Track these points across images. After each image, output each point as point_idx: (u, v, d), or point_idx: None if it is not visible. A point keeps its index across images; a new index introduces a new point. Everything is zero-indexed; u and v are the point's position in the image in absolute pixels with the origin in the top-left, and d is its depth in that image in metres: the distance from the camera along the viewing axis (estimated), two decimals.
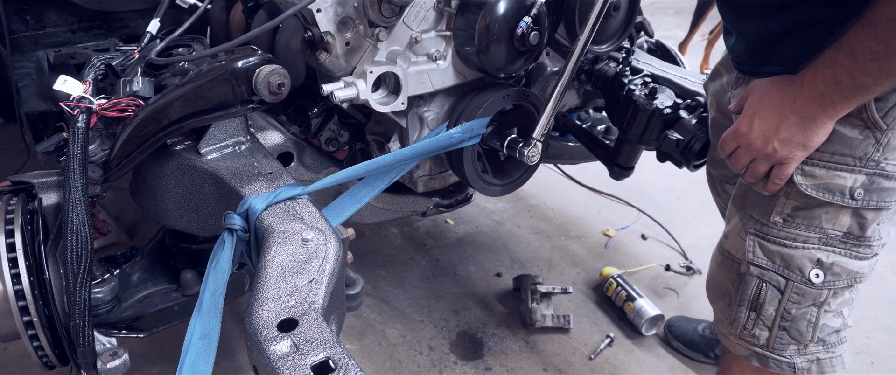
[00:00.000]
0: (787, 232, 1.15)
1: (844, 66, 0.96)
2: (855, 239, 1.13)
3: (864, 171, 1.07)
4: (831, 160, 1.08)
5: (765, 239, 1.18)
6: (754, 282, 1.20)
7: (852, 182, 1.08)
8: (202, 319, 0.99)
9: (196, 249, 1.54)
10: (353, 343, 2.03)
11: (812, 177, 1.09)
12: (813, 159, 1.09)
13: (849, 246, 1.14)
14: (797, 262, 1.16)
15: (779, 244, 1.16)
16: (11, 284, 1.17)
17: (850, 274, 1.16)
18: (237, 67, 1.17)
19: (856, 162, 1.07)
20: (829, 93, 0.99)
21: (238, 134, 1.34)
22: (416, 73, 1.38)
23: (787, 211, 1.14)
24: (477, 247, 2.53)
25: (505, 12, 1.32)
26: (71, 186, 1.14)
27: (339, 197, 1.35)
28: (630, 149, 1.74)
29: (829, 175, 1.08)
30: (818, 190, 1.10)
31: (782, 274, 1.17)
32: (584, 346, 2.05)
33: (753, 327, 1.23)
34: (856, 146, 1.06)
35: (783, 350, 1.22)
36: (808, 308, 1.18)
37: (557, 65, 1.76)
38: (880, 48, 0.91)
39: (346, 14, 1.31)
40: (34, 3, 1.74)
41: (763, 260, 1.19)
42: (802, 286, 1.16)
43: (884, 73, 0.93)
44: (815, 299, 1.17)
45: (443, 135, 1.41)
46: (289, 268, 0.99)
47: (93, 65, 1.40)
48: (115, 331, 1.38)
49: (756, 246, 1.19)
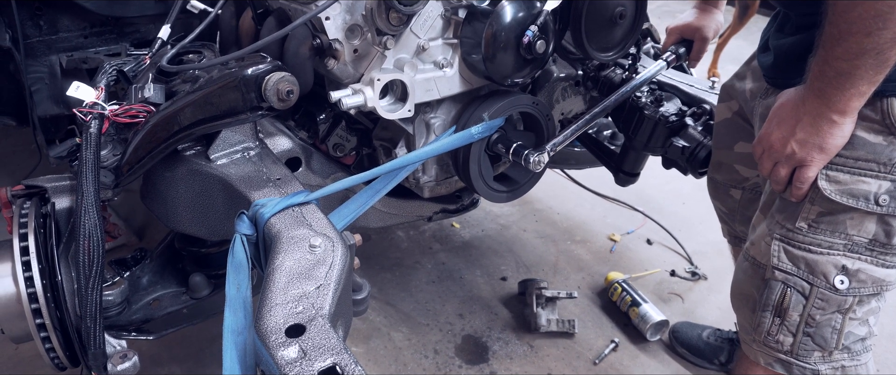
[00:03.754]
0: (812, 238, 1.16)
1: (822, 57, 1.00)
2: (881, 246, 1.13)
3: (889, 177, 1.08)
4: (856, 165, 1.09)
5: (790, 244, 1.18)
6: (779, 287, 1.20)
7: (877, 187, 1.08)
8: (234, 316, 1.03)
9: (205, 253, 1.56)
10: (359, 347, 2.04)
11: (836, 183, 1.10)
12: (837, 165, 1.10)
13: (875, 253, 1.14)
14: (821, 268, 1.16)
15: (804, 249, 1.17)
16: (25, 287, 1.19)
17: (876, 282, 1.16)
18: (247, 74, 1.19)
19: (880, 167, 1.07)
20: (823, 88, 1.02)
21: (247, 139, 1.36)
22: (423, 81, 1.40)
23: (812, 216, 1.15)
24: (483, 251, 2.54)
25: (511, 21, 1.33)
26: (83, 191, 1.17)
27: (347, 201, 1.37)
28: (635, 155, 1.75)
29: (853, 180, 1.09)
30: (842, 196, 1.10)
31: (807, 279, 1.17)
32: (589, 351, 2.06)
33: (777, 332, 1.23)
34: (880, 152, 1.07)
35: (807, 357, 1.22)
36: (833, 314, 1.18)
37: (564, 71, 1.77)
38: (834, 31, 0.96)
39: (355, 22, 1.33)
40: (47, 9, 1.77)
41: (788, 266, 1.19)
42: (827, 292, 1.16)
43: (850, 54, 0.96)
44: (840, 305, 1.17)
45: (463, 133, 1.44)
46: (297, 274, 1.01)
47: (105, 72, 1.42)
48: (125, 334, 1.40)
49: (781, 251, 1.19)
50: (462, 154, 1.51)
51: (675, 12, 5.89)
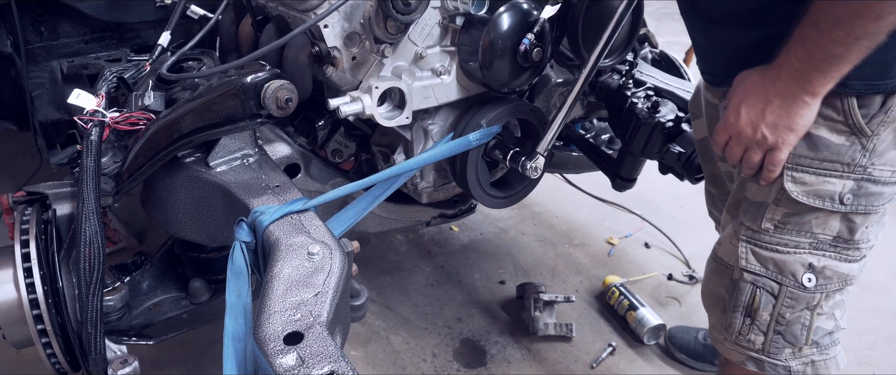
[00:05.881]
0: (779, 238, 1.18)
1: (812, 39, 0.97)
2: (844, 242, 1.16)
3: (853, 177, 1.10)
4: (821, 166, 1.10)
5: (757, 245, 1.20)
6: (748, 288, 1.22)
7: (841, 187, 1.11)
8: (234, 322, 1.04)
9: (205, 258, 1.57)
10: (357, 350, 2.05)
11: (802, 184, 1.12)
12: (802, 166, 1.11)
13: (839, 249, 1.17)
14: (790, 267, 1.18)
15: (771, 250, 1.19)
16: (26, 293, 1.21)
17: (840, 277, 1.19)
18: (246, 82, 1.19)
19: (844, 168, 1.09)
20: (805, 70, 1.00)
21: (246, 146, 1.37)
22: (420, 88, 1.41)
23: (777, 217, 1.17)
24: (481, 254, 2.55)
25: (508, 29, 1.34)
26: (84, 198, 1.18)
27: (346, 207, 1.38)
28: (632, 161, 1.76)
29: (818, 181, 1.11)
30: (809, 197, 1.12)
31: (776, 279, 1.20)
32: (586, 355, 2.07)
33: (748, 332, 1.25)
34: (843, 152, 1.08)
35: (778, 354, 1.25)
36: (802, 311, 1.21)
37: (562, 77, 1.78)
38: (839, 12, 0.93)
39: (353, 29, 1.34)
40: (48, 15, 1.78)
41: (756, 267, 1.21)
42: (796, 290, 1.19)
43: (850, 37, 0.94)
44: (809, 302, 1.20)
45: (461, 140, 1.45)
46: (295, 282, 1.02)
47: (106, 79, 1.43)
48: (126, 339, 1.41)
49: (749, 252, 1.21)
50: (459, 160, 1.52)
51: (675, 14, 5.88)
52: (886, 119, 1.06)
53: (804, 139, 1.09)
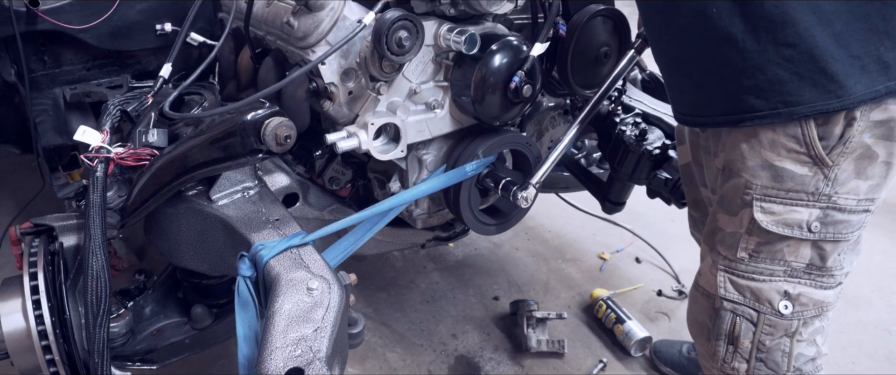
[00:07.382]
0: (754, 266, 1.23)
1: None
2: (817, 269, 1.21)
3: (818, 205, 1.15)
4: (787, 197, 1.16)
5: (734, 274, 1.26)
6: (729, 317, 1.28)
7: (808, 216, 1.16)
8: (250, 349, 1.13)
9: (206, 284, 1.61)
10: (355, 368, 2.10)
11: (771, 214, 1.17)
12: (770, 197, 1.17)
13: (813, 276, 1.22)
14: (766, 295, 1.23)
15: (747, 278, 1.24)
16: (35, 324, 1.25)
17: (816, 304, 1.24)
18: (246, 120, 1.24)
19: (809, 197, 1.15)
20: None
21: (247, 179, 1.42)
22: (415, 122, 1.46)
23: (751, 246, 1.22)
24: (476, 270, 2.60)
25: (499, 66, 1.39)
26: (91, 234, 1.22)
27: (343, 237, 1.43)
28: (621, 186, 1.81)
29: (786, 210, 1.16)
30: (778, 226, 1.18)
31: (754, 307, 1.25)
32: (578, 371, 2.12)
33: (732, 360, 1.30)
34: (807, 182, 1.14)
35: None
36: (781, 338, 1.26)
37: (553, 101, 1.83)
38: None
39: (349, 66, 1.39)
40: (51, 44, 1.82)
41: (734, 295, 1.26)
42: (773, 317, 1.24)
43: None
44: (787, 329, 1.25)
45: (458, 170, 1.51)
46: (295, 317, 1.07)
47: (109, 113, 1.47)
48: (130, 364, 1.45)
49: (727, 281, 1.27)
50: (453, 188, 1.57)
51: None
52: (845, 150, 1.11)
53: (770, 172, 1.15)
